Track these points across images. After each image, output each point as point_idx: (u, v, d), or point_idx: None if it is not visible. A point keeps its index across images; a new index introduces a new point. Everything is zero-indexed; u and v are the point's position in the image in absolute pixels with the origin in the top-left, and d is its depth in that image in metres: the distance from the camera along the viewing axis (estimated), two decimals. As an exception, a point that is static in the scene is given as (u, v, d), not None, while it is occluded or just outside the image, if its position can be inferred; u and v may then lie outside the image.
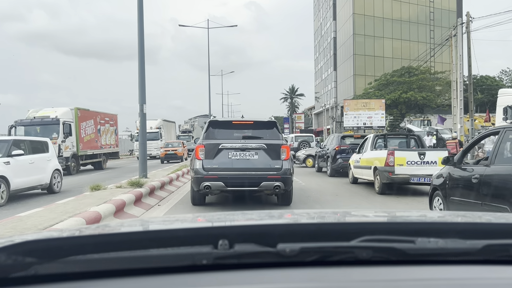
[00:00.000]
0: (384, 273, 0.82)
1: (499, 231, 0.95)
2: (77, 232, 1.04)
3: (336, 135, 14.73)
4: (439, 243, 0.85)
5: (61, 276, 0.78)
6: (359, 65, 51.47)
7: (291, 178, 6.84)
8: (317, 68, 71.37)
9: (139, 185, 7.92)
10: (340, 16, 56.93)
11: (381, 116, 33.53)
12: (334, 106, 48.94)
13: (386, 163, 9.09)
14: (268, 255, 0.82)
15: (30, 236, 0.95)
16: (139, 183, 8.05)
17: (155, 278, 0.79)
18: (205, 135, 6.99)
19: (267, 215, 1.31)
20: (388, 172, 9.05)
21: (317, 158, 16.16)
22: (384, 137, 11.04)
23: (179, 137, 36.62)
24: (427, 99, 41.31)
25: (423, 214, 1.38)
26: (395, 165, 9.03)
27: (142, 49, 10.13)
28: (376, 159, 9.66)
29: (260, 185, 6.55)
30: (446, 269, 0.83)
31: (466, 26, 20.42)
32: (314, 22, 73.69)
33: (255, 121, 7.31)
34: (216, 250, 0.80)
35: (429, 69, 41.35)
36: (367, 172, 10.27)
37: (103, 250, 0.81)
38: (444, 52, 33.52)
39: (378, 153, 9.79)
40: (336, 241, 0.86)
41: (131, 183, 8.10)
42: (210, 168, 6.61)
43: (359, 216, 1.45)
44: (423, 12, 53.92)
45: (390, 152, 9.12)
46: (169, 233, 0.93)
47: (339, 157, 13.63)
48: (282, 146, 6.81)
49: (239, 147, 6.71)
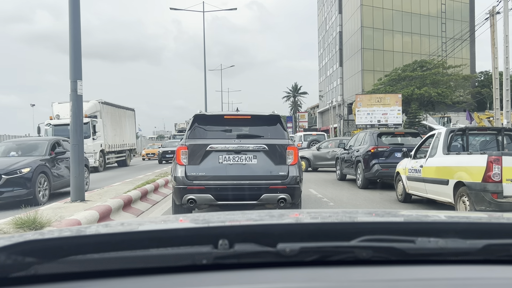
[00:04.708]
0: (384, 273, 0.82)
1: (499, 231, 0.95)
2: (77, 232, 1.05)
3: (369, 132, 10.89)
4: (439, 243, 0.86)
5: (61, 276, 0.79)
6: (367, 59, 49.42)
7: (299, 188, 5.86)
8: (322, 65, 69.85)
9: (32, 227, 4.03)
10: (346, 8, 54.84)
11: (397, 113, 30.37)
12: (342, 103, 45.34)
13: (485, 176, 5.20)
14: (268, 255, 0.83)
15: (30, 235, 0.95)
16: (34, 223, 4.11)
17: (155, 278, 0.80)
18: (189, 133, 5.94)
19: (267, 215, 1.31)
20: (491, 193, 5.10)
21: (341, 162, 12.19)
22: (464, 134, 7.01)
23: (175, 137, 32.89)
24: (442, 95, 37.86)
25: (423, 214, 1.39)
26: (503, 181, 5.07)
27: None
28: (461, 168, 5.76)
29: (260, 198, 5.62)
30: (446, 269, 0.84)
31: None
32: (318, 17, 71.72)
33: (253, 115, 6.17)
34: (216, 250, 0.81)
35: (443, 63, 37.93)
36: (438, 189, 6.44)
37: (103, 250, 0.82)
38: (457, 47, 29.96)
39: (463, 159, 5.99)
40: (336, 241, 0.87)
41: (20, 223, 4.20)
42: (195, 177, 5.67)
43: (359, 216, 1.42)
44: (434, 4, 51.69)
45: (493, 159, 5.18)
46: (169, 233, 0.93)
47: (376, 162, 9.85)
48: (288, 147, 5.80)
49: (233, 149, 5.75)
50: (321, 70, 69.59)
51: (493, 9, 18.12)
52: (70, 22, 7.35)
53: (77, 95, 7.20)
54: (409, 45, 50.06)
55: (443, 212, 1.73)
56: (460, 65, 41.90)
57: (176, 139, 28.32)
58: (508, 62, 17.24)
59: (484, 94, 43.04)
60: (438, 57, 39.75)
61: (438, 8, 52.12)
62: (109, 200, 6.79)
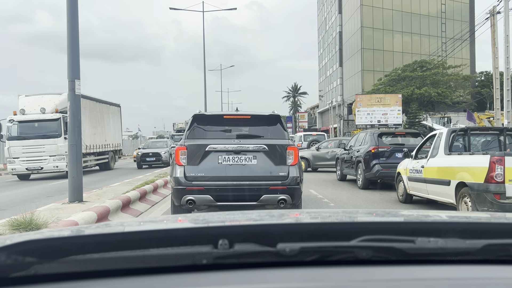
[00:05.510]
0: (384, 272, 0.82)
1: (498, 231, 0.95)
2: (77, 231, 1.05)
3: (370, 133, 10.80)
4: (439, 242, 0.86)
5: (61, 276, 0.79)
6: (367, 59, 49.45)
7: (300, 189, 5.83)
8: (321, 65, 69.91)
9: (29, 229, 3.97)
10: (346, 8, 54.84)
11: (397, 113, 30.40)
12: (342, 104, 45.28)
13: (488, 177, 5.12)
14: (268, 255, 0.83)
15: (30, 235, 0.94)
16: (30, 224, 4.03)
17: (155, 278, 0.80)
18: (188, 133, 5.92)
19: (267, 214, 1.31)
20: (494, 194, 5.03)
21: (341, 163, 12.11)
22: (465, 134, 6.93)
23: (173, 137, 32.53)
24: (442, 95, 37.86)
25: (422, 214, 1.38)
26: (505, 181, 5.00)
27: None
28: (463, 169, 5.68)
29: (260, 199, 5.59)
30: (446, 269, 0.84)
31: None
32: (318, 17, 71.64)
33: (253, 115, 6.14)
34: (216, 249, 0.81)
35: (443, 63, 37.91)
36: (440, 190, 6.35)
37: (103, 249, 0.82)
38: (457, 47, 29.91)
39: (465, 160, 5.92)
40: (336, 241, 0.87)
41: (16, 224, 4.12)
42: (194, 177, 5.65)
43: (359, 216, 1.42)
44: (434, 4, 51.82)
45: (496, 159, 5.10)
46: (169, 233, 0.93)
47: (376, 163, 9.77)
48: (288, 148, 5.77)
49: (233, 149, 5.72)
50: (321, 70, 69.55)
51: (494, 9, 18.06)
52: (68, 21, 7.29)
53: (75, 95, 7.10)
54: (409, 45, 50.00)
55: (443, 212, 1.71)
56: (460, 65, 41.83)
57: (160, 140, 26.60)
58: (509, 62, 17.16)
59: (484, 94, 43.00)
60: (438, 57, 39.69)
61: (438, 8, 52.11)
62: (108, 201, 6.76)
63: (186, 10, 25.73)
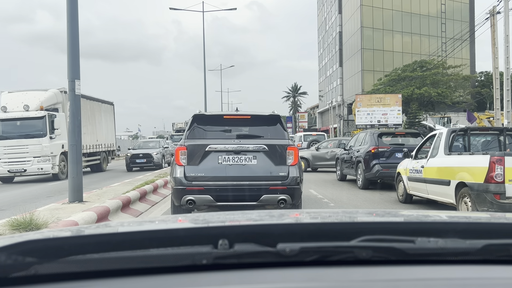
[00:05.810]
0: (384, 273, 0.82)
1: (499, 231, 0.95)
2: (77, 231, 1.04)
3: (370, 133, 10.79)
4: (439, 243, 0.86)
5: (61, 276, 0.79)
6: (367, 60, 49.42)
7: (300, 189, 5.82)
8: (321, 65, 69.89)
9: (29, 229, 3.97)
10: (346, 8, 54.80)
11: (397, 113, 30.35)
12: (341, 104, 45.27)
13: (488, 177, 5.12)
14: (268, 255, 0.83)
15: (30, 235, 0.95)
16: (30, 224, 4.03)
17: (155, 278, 0.80)
18: (188, 133, 5.91)
19: (267, 215, 1.31)
20: (494, 194, 5.03)
21: (341, 163, 12.10)
22: (465, 134, 6.92)
23: (173, 137, 32.39)
24: (442, 95, 37.83)
25: (422, 214, 1.38)
26: (505, 181, 5.00)
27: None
28: (463, 169, 5.68)
29: (260, 199, 5.58)
30: (446, 269, 0.84)
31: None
32: (318, 17, 71.60)
33: (253, 115, 6.13)
34: (216, 250, 0.81)
35: (443, 63, 37.92)
36: (440, 190, 6.35)
37: (103, 250, 0.81)
38: (457, 47, 29.90)
39: (465, 160, 5.91)
40: (336, 241, 0.86)
41: (16, 224, 4.11)
42: (194, 177, 5.64)
43: (359, 216, 1.43)
44: (434, 4, 51.80)
45: (496, 159, 5.10)
46: (169, 233, 0.93)
47: (376, 163, 9.75)
48: (288, 148, 5.76)
49: (233, 149, 5.71)
50: (321, 70, 69.53)
51: (494, 9, 18.05)
52: (68, 21, 7.29)
53: (75, 95, 7.08)
54: (409, 45, 49.97)
55: (443, 212, 1.72)
56: (460, 65, 41.82)
57: (152, 140, 25.64)
58: (509, 62, 17.15)
59: (484, 94, 42.99)
60: (438, 57, 39.66)
61: (438, 8, 52.10)
62: (108, 201, 6.76)
63: (186, 10, 25.76)
